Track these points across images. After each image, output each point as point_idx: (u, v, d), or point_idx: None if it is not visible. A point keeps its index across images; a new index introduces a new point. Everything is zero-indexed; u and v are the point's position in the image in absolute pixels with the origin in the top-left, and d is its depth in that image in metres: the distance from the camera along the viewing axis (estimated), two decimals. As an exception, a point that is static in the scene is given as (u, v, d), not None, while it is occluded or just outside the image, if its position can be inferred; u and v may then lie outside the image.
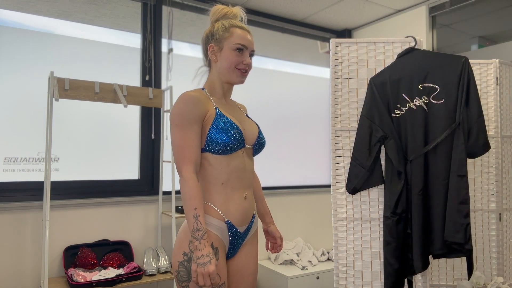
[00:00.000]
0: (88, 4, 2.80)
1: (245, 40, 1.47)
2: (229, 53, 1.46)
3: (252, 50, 1.51)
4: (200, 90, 1.49)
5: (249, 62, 1.49)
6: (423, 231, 1.82)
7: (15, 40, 2.54)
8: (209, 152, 1.40)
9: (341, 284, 1.98)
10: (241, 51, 1.46)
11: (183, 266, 1.35)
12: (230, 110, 1.52)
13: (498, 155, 2.23)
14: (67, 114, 2.67)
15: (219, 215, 1.41)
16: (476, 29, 3.20)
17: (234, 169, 1.43)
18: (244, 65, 1.47)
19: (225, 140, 1.39)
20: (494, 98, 2.24)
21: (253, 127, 1.54)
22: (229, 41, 1.46)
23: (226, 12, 1.53)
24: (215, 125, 1.39)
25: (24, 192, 2.49)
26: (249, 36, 1.50)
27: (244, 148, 1.47)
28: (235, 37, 1.46)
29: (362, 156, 1.88)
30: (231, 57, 1.46)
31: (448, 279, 2.29)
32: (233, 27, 1.48)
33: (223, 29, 1.48)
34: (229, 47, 1.46)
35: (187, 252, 1.36)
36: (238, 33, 1.47)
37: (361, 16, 3.60)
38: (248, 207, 1.48)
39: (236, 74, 1.48)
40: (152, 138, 2.93)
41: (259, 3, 3.31)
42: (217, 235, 1.40)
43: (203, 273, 1.26)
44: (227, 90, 1.55)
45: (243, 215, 1.46)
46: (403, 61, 1.92)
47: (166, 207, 2.88)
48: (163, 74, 3.02)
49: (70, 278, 2.28)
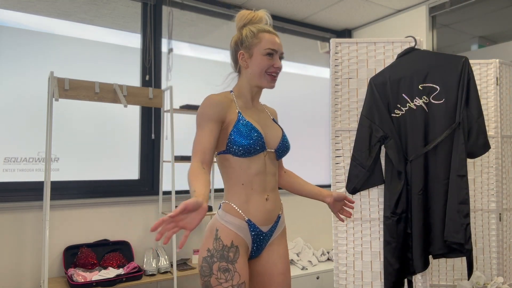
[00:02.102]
0: (88, 4, 2.80)
1: (274, 44, 1.50)
2: (260, 59, 1.49)
3: (281, 53, 1.54)
4: (226, 94, 1.53)
5: (280, 65, 1.52)
6: (423, 231, 1.82)
7: (15, 40, 2.54)
8: (230, 154, 1.45)
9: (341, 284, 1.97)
10: (271, 55, 1.50)
11: (206, 262, 1.39)
12: (254, 114, 1.55)
13: (498, 155, 2.23)
14: (67, 114, 2.67)
15: (239, 214, 1.45)
16: (476, 29, 3.20)
17: (254, 171, 1.47)
18: (274, 69, 1.51)
19: (245, 143, 1.43)
20: (494, 98, 2.24)
21: (277, 132, 1.57)
22: (259, 46, 1.49)
23: (251, 17, 1.55)
24: (236, 128, 1.44)
25: (24, 192, 2.49)
26: (277, 39, 1.52)
27: (266, 152, 1.50)
28: (264, 42, 1.49)
29: (362, 156, 1.88)
30: (262, 62, 1.49)
31: (448, 279, 2.29)
32: (261, 32, 1.51)
33: (252, 35, 1.51)
34: (260, 53, 1.49)
35: (211, 249, 1.40)
36: (267, 37, 1.50)
37: (361, 16, 3.60)
38: (270, 208, 1.51)
39: (267, 79, 1.51)
40: (152, 138, 2.93)
41: (259, 3, 3.31)
42: (237, 233, 1.44)
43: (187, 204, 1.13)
44: (256, 94, 1.57)
45: (265, 215, 1.49)
46: (403, 61, 1.92)
47: (166, 207, 2.88)
48: (163, 74, 3.02)
49: (70, 278, 2.28)
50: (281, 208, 1.59)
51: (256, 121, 1.51)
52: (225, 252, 1.40)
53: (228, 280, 1.38)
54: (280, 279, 1.54)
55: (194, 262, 2.81)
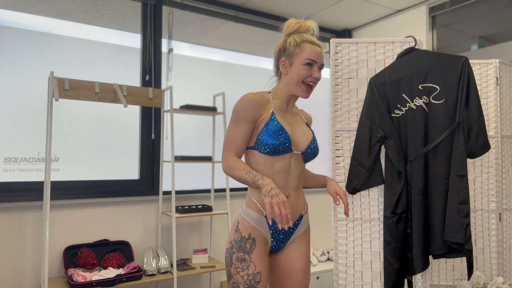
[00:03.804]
0: (88, 4, 2.80)
1: (314, 55, 1.54)
2: (299, 68, 1.54)
3: (321, 64, 1.58)
4: (263, 93, 1.58)
5: (318, 76, 1.56)
6: (423, 231, 1.82)
7: (16, 40, 2.54)
8: (257, 151, 1.53)
9: (341, 284, 1.98)
10: (311, 65, 1.54)
11: (228, 252, 1.52)
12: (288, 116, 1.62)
13: (498, 155, 2.23)
14: (67, 114, 2.67)
15: (258, 209, 1.53)
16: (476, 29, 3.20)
17: (277, 170, 1.53)
18: (312, 79, 1.56)
19: (272, 142, 1.49)
20: (494, 98, 2.24)
21: (307, 136, 1.63)
22: (300, 56, 1.54)
23: (298, 26, 1.59)
24: (266, 127, 1.51)
25: (24, 192, 2.49)
26: (319, 49, 1.57)
27: (292, 153, 1.56)
28: (305, 53, 1.54)
29: (362, 156, 1.88)
30: (300, 72, 1.54)
31: (448, 279, 2.29)
32: (304, 42, 1.55)
33: (295, 44, 1.56)
34: (299, 62, 1.54)
35: (232, 241, 1.52)
36: (308, 48, 1.54)
37: (361, 16, 3.60)
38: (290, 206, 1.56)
39: (302, 89, 1.57)
40: (152, 138, 2.93)
41: (259, 3, 3.31)
42: (255, 226, 1.52)
43: (278, 202, 1.36)
44: (290, 99, 1.64)
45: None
46: (403, 61, 1.92)
47: (166, 207, 2.88)
48: (163, 74, 3.02)
49: (70, 278, 2.28)
50: (304, 208, 1.65)
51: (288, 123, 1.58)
52: (243, 243, 1.50)
53: (244, 269, 1.48)
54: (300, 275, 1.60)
55: (194, 262, 2.81)
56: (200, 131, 3.18)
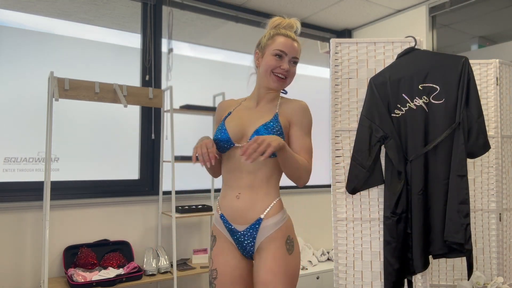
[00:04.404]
0: (88, 4, 2.80)
1: (284, 46, 1.51)
2: (268, 58, 1.52)
3: (293, 57, 1.53)
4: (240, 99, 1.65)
5: (286, 67, 1.51)
6: (423, 231, 1.82)
7: (15, 40, 2.54)
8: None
9: (341, 284, 1.97)
10: (280, 57, 1.51)
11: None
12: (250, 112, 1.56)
13: (498, 155, 2.23)
14: (67, 114, 2.67)
15: (217, 207, 1.57)
16: (476, 29, 3.20)
17: (230, 168, 1.52)
18: (281, 70, 1.51)
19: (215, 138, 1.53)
20: (494, 98, 2.24)
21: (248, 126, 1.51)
22: (270, 47, 1.52)
23: (279, 22, 1.58)
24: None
25: (24, 192, 2.49)
26: (291, 42, 1.53)
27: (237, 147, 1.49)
28: (275, 44, 1.52)
29: (362, 156, 1.88)
30: (269, 62, 1.52)
31: (448, 279, 2.29)
32: (278, 35, 1.54)
33: (268, 37, 1.55)
34: (269, 53, 1.52)
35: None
36: (280, 40, 1.52)
37: (361, 16, 3.60)
38: (241, 207, 1.48)
39: (273, 79, 1.53)
40: (152, 138, 2.93)
41: (259, 3, 3.31)
42: (215, 225, 1.57)
43: (200, 145, 1.40)
44: (264, 94, 1.58)
45: (234, 213, 1.50)
46: (403, 61, 1.92)
47: (166, 207, 2.88)
48: (163, 74, 3.02)
49: (70, 278, 2.28)
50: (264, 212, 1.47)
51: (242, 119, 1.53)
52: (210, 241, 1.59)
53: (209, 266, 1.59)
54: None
55: (194, 262, 2.81)
56: (200, 131, 3.18)
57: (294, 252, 1.48)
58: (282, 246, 1.45)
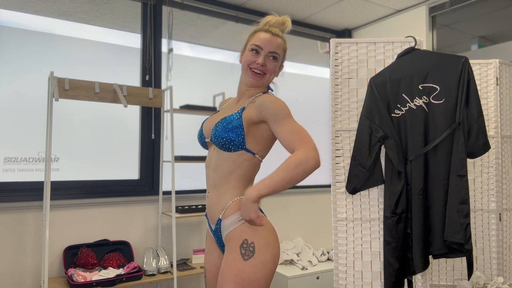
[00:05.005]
0: (88, 4, 2.80)
1: (261, 41, 1.48)
2: (246, 54, 1.51)
3: (270, 51, 1.47)
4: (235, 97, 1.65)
5: (261, 62, 1.46)
6: (423, 231, 1.82)
7: (15, 40, 2.54)
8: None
9: (341, 284, 1.97)
10: (257, 52, 1.48)
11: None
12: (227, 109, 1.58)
13: (498, 155, 2.23)
14: (67, 114, 2.67)
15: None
16: (476, 29, 3.20)
17: (205, 165, 1.56)
18: (256, 65, 1.47)
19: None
20: (494, 98, 2.24)
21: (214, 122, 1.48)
22: (250, 43, 1.51)
23: (269, 20, 1.55)
24: None
25: (24, 192, 2.49)
26: (272, 38, 1.48)
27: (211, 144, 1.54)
28: (253, 39, 1.50)
29: (362, 156, 1.88)
30: (246, 57, 1.50)
31: (448, 279, 2.29)
32: (258, 31, 1.52)
33: (251, 34, 1.54)
34: (248, 49, 1.51)
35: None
36: (259, 35, 1.50)
37: (361, 16, 3.60)
38: (210, 206, 1.49)
39: (248, 75, 1.50)
40: (152, 138, 2.93)
41: (259, 3, 3.31)
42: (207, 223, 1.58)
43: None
44: (244, 91, 1.55)
45: (208, 212, 1.53)
46: (403, 61, 1.92)
47: (166, 207, 2.88)
48: (163, 74, 3.02)
49: (70, 278, 2.28)
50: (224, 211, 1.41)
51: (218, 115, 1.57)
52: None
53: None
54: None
55: (194, 262, 2.81)
56: (200, 131, 3.17)
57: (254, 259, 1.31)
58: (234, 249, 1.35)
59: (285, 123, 1.34)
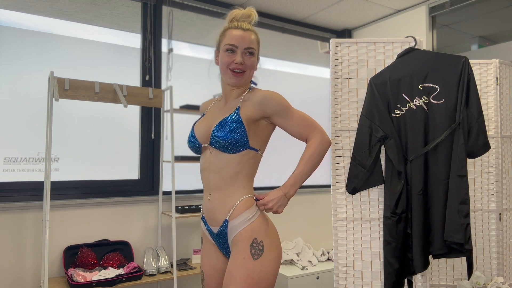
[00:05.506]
0: (88, 4, 2.80)
1: (233, 39, 1.44)
2: (222, 55, 1.48)
3: (246, 48, 1.45)
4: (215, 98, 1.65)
5: (239, 60, 1.43)
6: (423, 231, 1.82)
7: (15, 40, 2.54)
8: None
9: (341, 284, 1.97)
10: (232, 51, 1.45)
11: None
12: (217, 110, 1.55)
13: (498, 155, 2.23)
14: (67, 114, 2.67)
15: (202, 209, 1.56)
16: (476, 29, 3.20)
17: (202, 168, 1.53)
18: (235, 65, 1.44)
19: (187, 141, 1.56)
20: (494, 98, 2.24)
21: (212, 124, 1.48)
22: (222, 43, 1.48)
23: (235, 15, 1.51)
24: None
25: (24, 192, 2.49)
26: (244, 34, 1.45)
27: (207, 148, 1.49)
28: (226, 39, 1.47)
29: (362, 156, 1.88)
30: (222, 59, 1.47)
31: (448, 279, 2.29)
32: (228, 29, 1.49)
33: (221, 33, 1.51)
34: (222, 49, 1.47)
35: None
36: (231, 34, 1.46)
37: (361, 16, 3.60)
38: (212, 208, 1.47)
39: (229, 75, 1.47)
40: (152, 138, 2.93)
41: (259, 3, 3.31)
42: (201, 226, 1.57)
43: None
44: (230, 92, 1.53)
45: (207, 214, 1.50)
46: (403, 61, 1.92)
47: (166, 207, 2.88)
48: (163, 74, 3.02)
49: (70, 278, 2.28)
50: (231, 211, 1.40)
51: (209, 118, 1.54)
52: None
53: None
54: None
55: (194, 262, 2.81)
56: (200, 131, 3.17)
57: (263, 258, 1.34)
58: (244, 249, 1.35)
59: (290, 116, 1.44)
